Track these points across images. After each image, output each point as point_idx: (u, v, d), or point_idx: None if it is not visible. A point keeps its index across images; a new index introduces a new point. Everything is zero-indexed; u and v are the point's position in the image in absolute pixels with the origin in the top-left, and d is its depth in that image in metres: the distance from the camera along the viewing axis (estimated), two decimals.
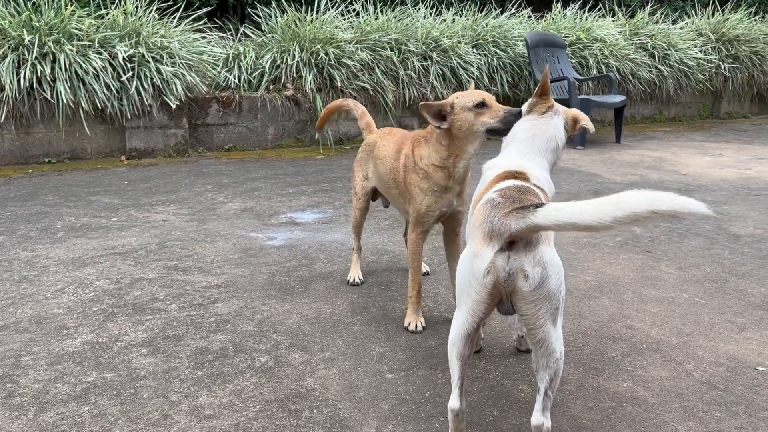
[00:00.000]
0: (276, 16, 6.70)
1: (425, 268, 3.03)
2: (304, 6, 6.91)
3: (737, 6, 9.75)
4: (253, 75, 6.26)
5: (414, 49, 6.66)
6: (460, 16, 7.54)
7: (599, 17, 8.38)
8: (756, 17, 9.57)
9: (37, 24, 5.35)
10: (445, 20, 7.32)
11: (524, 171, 1.90)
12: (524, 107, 2.12)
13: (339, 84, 6.28)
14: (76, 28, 5.47)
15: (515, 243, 1.54)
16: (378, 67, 6.50)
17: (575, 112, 2.12)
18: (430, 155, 2.33)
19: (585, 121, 2.10)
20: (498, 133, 2.17)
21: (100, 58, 5.36)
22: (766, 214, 4.06)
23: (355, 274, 2.92)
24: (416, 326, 2.47)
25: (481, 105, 2.17)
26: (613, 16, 8.60)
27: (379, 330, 2.47)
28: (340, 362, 2.22)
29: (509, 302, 1.60)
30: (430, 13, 7.39)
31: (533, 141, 2.02)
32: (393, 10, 7.17)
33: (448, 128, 2.24)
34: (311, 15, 6.64)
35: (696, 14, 9.45)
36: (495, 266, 1.55)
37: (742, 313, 2.62)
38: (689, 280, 2.98)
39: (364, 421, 1.89)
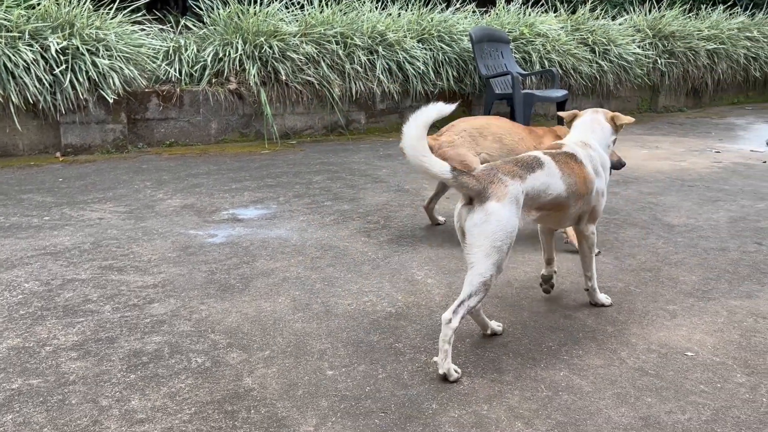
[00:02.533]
0: (218, 8, 6.55)
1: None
2: None
3: (672, 3, 10.08)
4: (195, 68, 6.11)
5: (360, 43, 6.63)
6: (406, 11, 7.55)
7: (542, 13, 8.52)
8: (690, 14, 9.91)
9: None
10: (390, 14, 7.31)
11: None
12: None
13: (284, 77, 6.20)
14: (5, 19, 5.22)
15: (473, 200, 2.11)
16: (324, 60, 6.44)
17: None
18: None
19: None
20: None
21: (31, 51, 5.13)
22: (698, 205, 4.21)
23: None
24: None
25: None
26: (555, 12, 8.76)
27: (321, 327, 2.44)
28: (280, 360, 2.19)
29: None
30: (376, 7, 7.36)
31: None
32: (338, 3, 7.12)
33: None
34: (254, 7, 6.52)
35: (634, 11, 9.71)
36: (461, 214, 2.14)
37: (673, 301, 2.71)
38: (625, 269, 3.06)
39: (303, 419, 1.87)
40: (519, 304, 2.66)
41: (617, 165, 2.99)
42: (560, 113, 2.79)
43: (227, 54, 6.13)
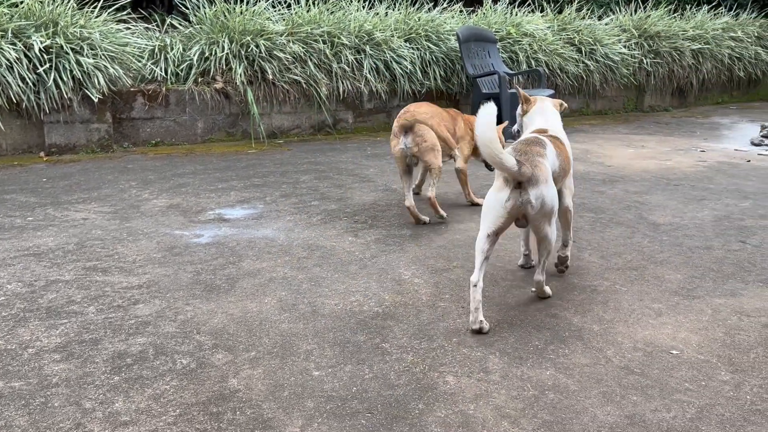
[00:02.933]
0: (204, 7, 6.51)
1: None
2: None
3: (658, 4, 10.16)
4: (181, 67, 6.08)
5: (347, 42, 6.62)
6: (393, 10, 7.54)
7: (529, 13, 8.55)
8: (675, 14, 9.99)
9: None
10: (378, 14, 7.30)
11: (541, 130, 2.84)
12: (519, 112, 3.12)
13: (270, 77, 6.17)
14: None
15: (522, 185, 2.39)
16: (311, 60, 6.43)
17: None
18: None
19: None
20: None
21: (14, 49, 5.07)
22: (683, 203, 4.24)
23: None
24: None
25: None
26: (542, 12, 8.79)
27: (308, 327, 2.43)
28: (266, 361, 2.18)
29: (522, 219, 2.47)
30: (363, 7, 7.36)
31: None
32: (325, 2, 7.10)
33: None
34: (241, 6, 6.49)
35: (620, 11, 9.78)
36: (513, 199, 2.40)
37: (659, 299, 2.73)
38: (611, 268, 3.08)
39: (289, 420, 1.86)
40: (505, 303, 2.66)
41: None
42: (522, 92, 3.14)
43: (213, 53, 6.10)
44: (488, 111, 2.23)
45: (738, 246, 3.41)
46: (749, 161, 5.73)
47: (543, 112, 2.99)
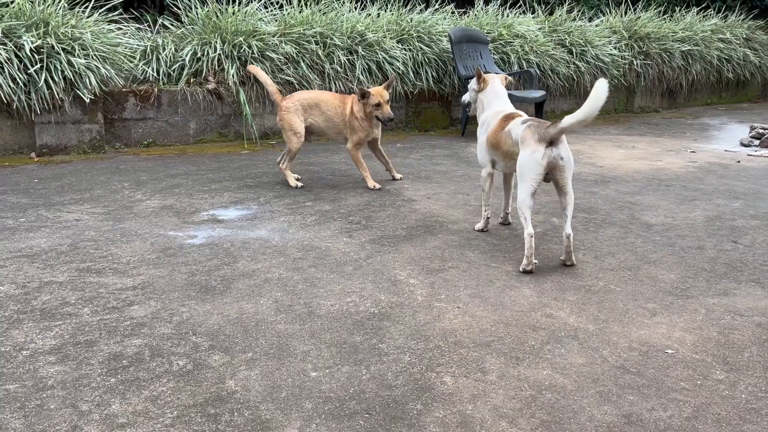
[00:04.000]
0: (196, 8, 6.48)
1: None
2: None
3: (648, 5, 10.22)
4: (173, 68, 6.04)
5: (339, 43, 6.61)
6: (385, 11, 7.54)
7: (520, 14, 8.57)
8: (665, 16, 10.05)
9: None
10: (370, 14, 7.30)
11: (516, 112, 3.39)
12: (474, 86, 3.67)
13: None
14: None
15: (553, 142, 2.93)
16: (303, 60, 6.41)
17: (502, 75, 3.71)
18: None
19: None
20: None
21: (4, 49, 5.03)
22: (675, 204, 4.27)
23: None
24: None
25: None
26: (533, 14, 8.82)
27: (304, 328, 2.43)
28: (263, 362, 2.17)
29: (552, 175, 2.98)
30: (355, 7, 7.35)
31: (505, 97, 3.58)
32: (317, 3, 7.09)
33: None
34: (233, 7, 6.47)
35: (610, 12, 9.83)
36: (547, 155, 2.92)
37: (653, 299, 2.74)
38: (605, 268, 3.10)
39: (287, 421, 1.85)
40: (501, 303, 2.67)
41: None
42: (478, 68, 3.71)
43: (206, 53, 6.07)
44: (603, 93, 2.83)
45: (730, 246, 3.44)
46: (739, 162, 5.78)
47: (497, 95, 3.55)
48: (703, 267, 3.13)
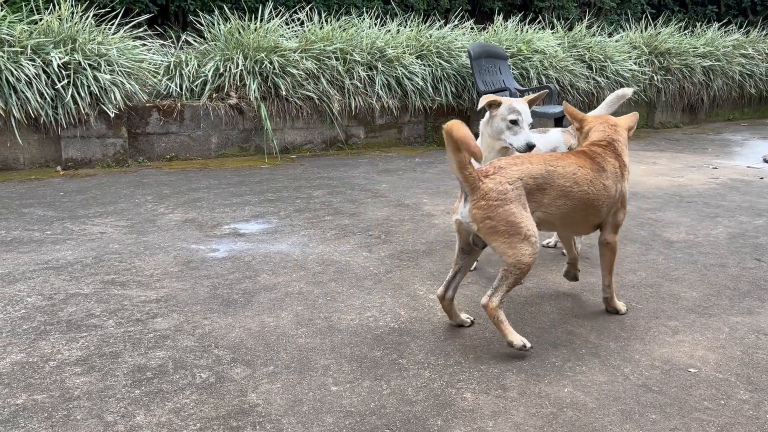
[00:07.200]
0: (219, 24, 6.61)
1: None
2: (247, 14, 6.84)
3: (668, 21, 10.19)
4: (196, 83, 6.15)
5: (359, 59, 6.69)
6: (405, 27, 7.61)
7: (539, 30, 8.60)
8: (685, 32, 10.02)
9: None
10: (389, 31, 7.37)
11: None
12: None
13: (284, 93, 6.23)
14: (8, 34, 5.25)
15: None
16: (323, 76, 6.49)
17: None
18: None
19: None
20: None
21: (33, 65, 5.16)
22: (696, 221, 4.24)
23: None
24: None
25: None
26: (552, 29, 8.84)
27: (325, 342, 2.45)
28: (284, 376, 2.19)
29: None
30: (375, 24, 7.43)
31: None
32: (338, 19, 7.18)
33: None
34: (255, 23, 6.57)
35: (630, 28, 9.82)
36: None
37: (675, 317, 2.72)
38: (626, 285, 3.08)
39: None
40: (522, 319, 2.67)
41: None
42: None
43: (228, 69, 6.17)
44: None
45: (753, 264, 3.40)
46: (762, 178, 5.72)
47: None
48: (726, 285, 3.10)
